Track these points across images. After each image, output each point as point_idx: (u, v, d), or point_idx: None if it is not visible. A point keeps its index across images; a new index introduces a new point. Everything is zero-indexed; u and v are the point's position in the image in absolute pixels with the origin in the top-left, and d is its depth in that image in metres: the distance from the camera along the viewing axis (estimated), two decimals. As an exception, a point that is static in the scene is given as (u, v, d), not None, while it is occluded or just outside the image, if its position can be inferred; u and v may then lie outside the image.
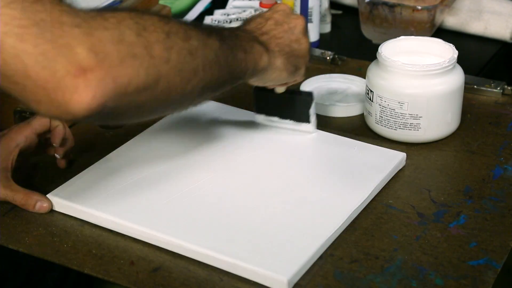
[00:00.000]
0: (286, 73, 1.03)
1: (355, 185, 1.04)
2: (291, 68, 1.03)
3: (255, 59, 0.97)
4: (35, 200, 1.01)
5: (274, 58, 1.00)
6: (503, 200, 1.04)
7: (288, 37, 1.02)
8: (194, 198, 1.01)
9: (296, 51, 1.03)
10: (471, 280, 0.90)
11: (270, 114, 1.14)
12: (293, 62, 1.03)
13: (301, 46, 1.04)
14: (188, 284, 0.90)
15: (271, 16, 1.03)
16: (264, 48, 0.98)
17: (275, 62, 1.01)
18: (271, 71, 1.01)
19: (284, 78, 1.04)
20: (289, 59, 1.02)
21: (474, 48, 1.48)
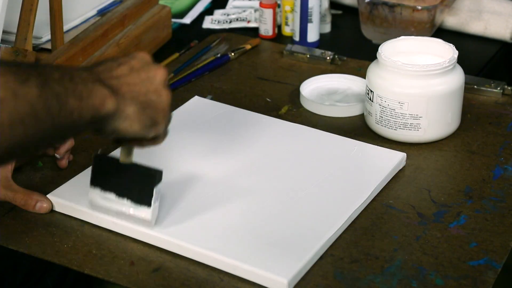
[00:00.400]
0: (139, 125, 0.88)
1: (355, 185, 1.04)
2: (146, 120, 0.88)
3: (94, 104, 0.83)
4: (35, 200, 1.01)
5: (124, 104, 0.86)
6: (503, 200, 1.04)
7: (144, 86, 0.89)
8: (194, 199, 1.01)
9: (154, 102, 0.89)
10: (471, 280, 0.90)
11: (106, 188, 0.97)
12: (149, 114, 0.88)
13: (160, 98, 0.90)
14: (188, 284, 0.90)
15: (127, 62, 0.90)
16: (109, 92, 0.85)
17: (125, 110, 0.86)
18: (119, 119, 0.86)
19: (136, 130, 0.88)
20: (145, 110, 0.88)
21: (474, 48, 1.48)
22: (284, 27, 1.51)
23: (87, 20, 1.33)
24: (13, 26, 1.16)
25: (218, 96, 1.27)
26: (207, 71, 1.35)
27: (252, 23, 1.54)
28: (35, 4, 1.13)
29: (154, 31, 1.40)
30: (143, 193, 0.95)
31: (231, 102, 1.23)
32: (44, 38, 1.24)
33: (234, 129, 1.16)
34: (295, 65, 1.38)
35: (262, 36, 1.49)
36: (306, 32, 1.45)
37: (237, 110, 1.21)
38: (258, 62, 1.39)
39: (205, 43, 1.45)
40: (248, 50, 1.42)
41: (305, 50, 1.39)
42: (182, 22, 1.57)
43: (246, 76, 1.34)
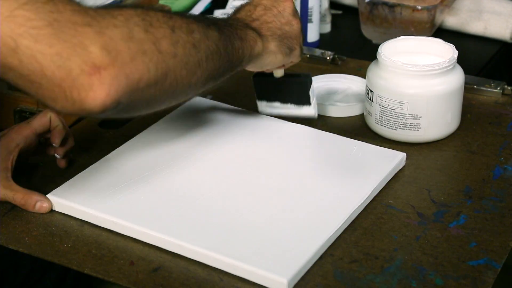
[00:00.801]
0: (281, 56, 1.05)
1: (355, 185, 1.04)
2: (285, 50, 1.05)
3: (250, 45, 0.99)
4: (35, 200, 1.01)
5: (267, 42, 1.03)
6: (503, 200, 1.04)
7: (278, 20, 1.05)
8: (194, 198, 1.01)
9: (288, 33, 1.06)
10: (471, 280, 0.90)
11: (271, 99, 1.17)
12: (286, 44, 1.05)
13: (292, 28, 1.06)
14: (188, 284, 0.90)
15: (259, 3, 1.06)
16: (257, 34, 1.01)
17: (269, 46, 1.03)
18: (266, 55, 1.03)
19: (279, 60, 1.06)
20: (282, 41, 1.05)
21: (474, 48, 1.48)
22: (284, 27, 1.50)
23: (87, 20, 1.33)
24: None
25: (218, 96, 1.27)
26: (207, 71, 1.35)
27: (252, 23, 1.54)
28: (35, 4, 1.13)
29: (154, 31, 1.40)
30: (302, 95, 1.14)
31: (231, 102, 1.23)
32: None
33: (234, 129, 1.16)
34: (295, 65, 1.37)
35: (262, 36, 1.49)
36: (306, 32, 1.45)
37: (237, 110, 1.21)
38: (258, 62, 1.39)
39: (205, 43, 1.44)
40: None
41: (305, 50, 1.39)
42: (182, 22, 1.57)
43: (246, 76, 1.34)
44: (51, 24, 0.76)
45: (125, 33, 0.79)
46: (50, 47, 0.76)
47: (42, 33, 0.76)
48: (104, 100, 0.77)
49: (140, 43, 0.80)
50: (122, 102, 0.79)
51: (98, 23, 0.78)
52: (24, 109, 1.18)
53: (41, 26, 0.76)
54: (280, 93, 1.15)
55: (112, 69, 0.77)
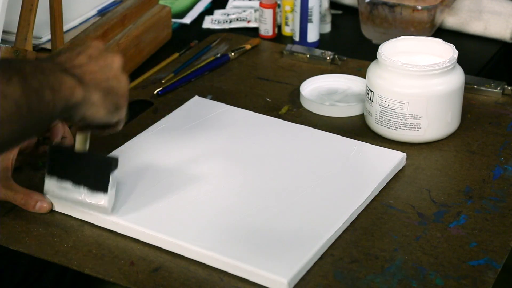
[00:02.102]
0: (104, 111, 0.92)
1: (355, 185, 1.04)
2: (110, 106, 0.92)
3: (65, 95, 0.86)
4: (35, 200, 1.01)
5: (89, 92, 0.89)
6: (503, 200, 1.04)
7: (104, 73, 0.92)
8: (195, 199, 1.01)
9: (115, 89, 0.93)
10: (471, 280, 0.90)
11: (63, 177, 0.98)
12: (112, 100, 0.92)
13: (120, 84, 0.94)
14: (188, 284, 0.90)
15: (83, 51, 0.93)
16: (76, 81, 0.88)
17: (91, 97, 0.90)
18: (86, 106, 0.89)
19: (102, 116, 0.92)
20: (107, 96, 0.92)
21: (474, 48, 1.48)
22: (284, 27, 1.51)
23: (87, 20, 1.33)
24: (13, 26, 1.16)
25: (218, 96, 1.27)
26: (207, 71, 1.35)
27: (252, 23, 1.54)
28: (35, 4, 1.13)
29: (154, 31, 1.40)
30: (100, 180, 0.96)
31: (231, 102, 1.23)
32: (44, 38, 1.24)
33: (234, 129, 1.16)
34: (295, 65, 1.38)
35: (262, 36, 1.49)
36: (306, 32, 1.45)
37: (237, 110, 1.21)
38: (258, 62, 1.39)
39: (205, 43, 1.45)
40: (248, 50, 1.42)
41: (305, 50, 1.39)
42: (182, 22, 1.57)
43: (246, 76, 1.34)
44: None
45: None
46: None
47: None
48: None
49: None
50: None
51: None
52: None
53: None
54: (75, 172, 0.98)
55: None
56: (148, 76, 1.34)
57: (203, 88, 1.30)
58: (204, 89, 1.30)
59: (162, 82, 1.32)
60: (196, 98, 1.24)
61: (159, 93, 1.28)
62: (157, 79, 1.33)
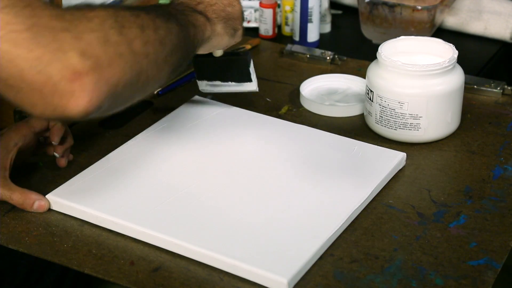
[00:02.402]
0: (227, 37, 1.07)
1: (355, 185, 1.04)
2: (230, 31, 1.07)
3: (202, 30, 1.00)
4: (33, 199, 1.01)
5: (215, 25, 1.04)
6: (503, 200, 1.04)
7: (220, 2, 1.06)
8: (194, 198, 1.01)
9: (231, 14, 1.07)
10: (471, 280, 0.90)
11: (212, 79, 1.18)
12: (231, 25, 1.07)
13: (234, 9, 1.08)
14: (188, 284, 0.90)
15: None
16: (205, 18, 1.01)
17: (216, 29, 1.04)
18: (214, 38, 1.04)
19: (225, 42, 1.08)
20: (227, 23, 1.06)
21: (474, 48, 1.48)
22: (284, 27, 1.51)
23: (87, 20, 1.33)
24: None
25: (218, 96, 1.27)
26: (207, 71, 1.35)
27: (252, 23, 1.54)
28: (35, 4, 1.13)
29: (154, 31, 1.40)
30: (243, 73, 1.16)
31: (231, 102, 1.23)
32: (44, 38, 1.24)
33: (234, 128, 1.16)
34: (295, 65, 1.38)
35: (262, 36, 1.49)
36: (306, 32, 1.45)
37: (237, 110, 1.21)
38: (258, 62, 1.39)
39: (205, 43, 1.44)
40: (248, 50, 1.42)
41: (305, 50, 1.39)
42: (182, 22, 1.57)
43: (246, 76, 1.34)
44: (30, 29, 0.76)
45: (101, 37, 0.79)
46: (30, 51, 0.75)
47: (21, 37, 0.75)
48: (86, 106, 0.77)
49: (116, 46, 0.80)
50: (103, 106, 0.80)
51: (75, 28, 0.78)
52: (24, 109, 1.18)
53: (20, 30, 0.75)
54: (220, 72, 1.17)
55: (93, 75, 0.77)
56: (148, 76, 1.34)
57: (203, 88, 1.30)
58: (204, 89, 1.30)
59: (162, 82, 1.32)
60: (196, 98, 1.24)
61: (159, 93, 1.28)
62: (157, 79, 1.33)
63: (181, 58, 0.94)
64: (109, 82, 0.79)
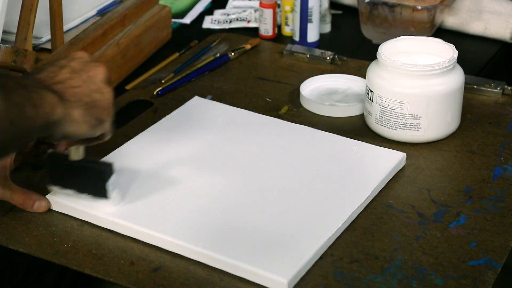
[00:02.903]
0: (86, 126, 0.91)
1: (355, 185, 1.04)
2: (92, 121, 0.91)
3: (46, 112, 0.85)
4: (34, 199, 1.01)
5: (71, 109, 0.89)
6: (503, 200, 1.04)
7: (87, 86, 0.92)
8: (194, 198, 1.01)
9: (98, 102, 0.92)
10: (471, 280, 0.90)
11: (65, 186, 1.00)
12: (94, 114, 0.92)
13: (103, 96, 0.93)
14: (188, 284, 0.90)
15: (67, 64, 0.93)
16: (57, 98, 0.87)
17: (72, 114, 0.89)
18: (67, 124, 0.89)
19: (84, 132, 0.91)
20: (90, 110, 0.91)
21: (474, 48, 1.48)
22: (284, 27, 1.51)
23: (87, 20, 1.33)
24: (13, 26, 1.16)
25: (218, 96, 1.27)
26: (207, 71, 1.35)
27: (252, 23, 1.54)
28: (35, 4, 1.13)
29: (154, 31, 1.40)
30: (99, 187, 0.98)
31: (231, 102, 1.23)
32: (44, 38, 1.24)
33: (234, 129, 1.16)
34: (295, 65, 1.38)
35: (262, 36, 1.49)
36: (306, 32, 1.45)
37: (237, 110, 1.21)
38: (258, 62, 1.39)
39: (205, 43, 1.45)
40: (248, 50, 1.42)
41: (305, 50, 1.39)
42: (182, 22, 1.57)
43: (246, 76, 1.34)
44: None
45: None
46: None
47: None
48: None
49: None
50: None
51: None
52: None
53: None
54: (75, 180, 0.99)
55: None
56: (148, 76, 1.34)
57: (203, 88, 1.30)
58: (204, 89, 1.30)
59: (162, 82, 1.32)
60: (195, 98, 1.24)
61: (159, 93, 1.28)
62: (157, 79, 1.33)
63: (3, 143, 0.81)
64: None
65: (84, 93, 0.91)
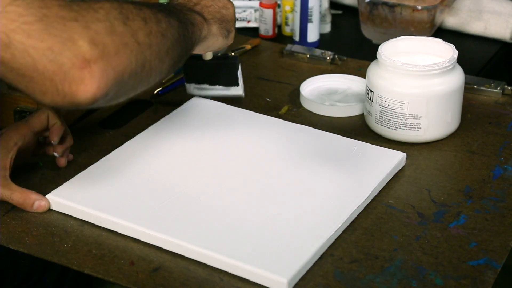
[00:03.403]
0: (221, 38, 1.09)
1: (355, 185, 1.04)
2: (224, 32, 1.09)
3: (199, 29, 1.02)
4: (33, 199, 1.01)
5: (211, 25, 1.06)
6: (503, 200, 1.04)
7: (216, 4, 1.08)
8: (194, 198, 1.01)
9: (225, 16, 1.09)
10: (471, 280, 0.90)
11: (200, 81, 1.21)
12: (225, 26, 1.09)
13: (228, 11, 1.10)
14: (188, 284, 0.90)
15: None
16: (202, 18, 1.04)
17: (212, 29, 1.06)
18: (209, 38, 1.06)
19: (219, 43, 1.09)
20: (222, 24, 1.08)
21: (474, 48, 1.48)
22: (284, 27, 1.51)
23: (87, 20, 1.33)
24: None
25: (218, 96, 1.27)
26: (207, 71, 1.35)
27: (252, 23, 1.54)
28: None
29: (154, 31, 1.40)
30: (230, 77, 1.19)
31: (231, 102, 1.23)
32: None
33: (234, 129, 1.16)
34: (295, 65, 1.38)
35: (262, 36, 1.49)
36: (306, 32, 1.45)
37: (237, 110, 1.21)
38: (258, 62, 1.39)
39: (205, 43, 1.44)
40: (248, 50, 1.42)
41: (305, 50, 1.39)
42: (182, 22, 1.57)
43: (246, 76, 1.34)
44: (41, 20, 0.78)
45: (108, 27, 0.82)
46: (42, 42, 0.78)
47: (33, 28, 0.78)
48: (95, 92, 0.80)
49: (122, 36, 0.83)
50: (109, 94, 0.82)
51: (83, 18, 0.80)
52: (24, 109, 1.18)
53: (32, 21, 0.78)
54: (208, 75, 1.20)
55: (101, 63, 0.80)
56: (148, 76, 1.34)
57: (203, 88, 1.30)
58: (204, 89, 1.30)
59: (162, 82, 1.32)
60: (195, 98, 1.24)
61: (159, 93, 1.28)
62: (157, 79, 1.33)
63: (181, 53, 0.95)
64: (115, 69, 0.81)
65: (216, 10, 1.08)
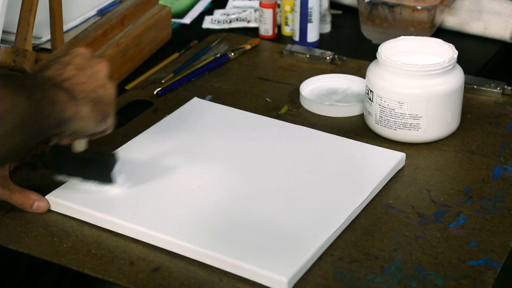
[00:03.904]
0: (93, 122, 0.94)
1: (355, 185, 1.04)
2: (99, 116, 0.94)
3: (60, 110, 0.88)
4: (33, 200, 1.00)
5: (80, 106, 0.91)
6: (503, 200, 1.04)
7: (92, 82, 0.94)
8: (194, 198, 1.01)
9: (102, 97, 0.95)
10: (471, 280, 0.90)
11: (71, 174, 1.02)
12: (100, 109, 0.94)
13: (107, 92, 0.95)
14: (188, 284, 0.90)
15: (71, 61, 0.94)
16: (68, 96, 0.90)
17: (81, 111, 0.92)
18: (77, 121, 0.91)
19: (91, 127, 0.94)
20: (96, 106, 0.93)
21: (474, 48, 1.48)
22: (284, 27, 1.51)
23: (87, 20, 1.33)
24: (13, 26, 1.16)
25: (218, 96, 1.27)
26: (207, 71, 1.35)
27: (252, 23, 1.54)
28: (35, 4, 1.13)
29: (154, 31, 1.40)
30: (105, 175, 1.01)
31: (231, 102, 1.23)
32: (44, 38, 1.24)
33: (234, 130, 1.16)
34: (295, 65, 1.38)
35: (262, 36, 1.49)
36: (306, 32, 1.45)
37: (236, 111, 1.21)
38: (258, 62, 1.39)
39: (205, 43, 1.45)
40: (248, 50, 1.42)
41: (305, 50, 1.39)
42: (182, 22, 1.57)
43: (246, 76, 1.34)
44: None
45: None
46: None
47: None
48: None
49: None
50: None
51: None
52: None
53: None
54: (81, 170, 1.02)
55: None
56: (148, 76, 1.34)
57: (203, 88, 1.30)
58: (204, 89, 1.30)
59: (162, 82, 1.32)
60: (195, 99, 1.24)
61: (159, 93, 1.28)
62: (157, 79, 1.33)
63: (23, 141, 0.83)
64: None
65: (90, 89, 0.93)
